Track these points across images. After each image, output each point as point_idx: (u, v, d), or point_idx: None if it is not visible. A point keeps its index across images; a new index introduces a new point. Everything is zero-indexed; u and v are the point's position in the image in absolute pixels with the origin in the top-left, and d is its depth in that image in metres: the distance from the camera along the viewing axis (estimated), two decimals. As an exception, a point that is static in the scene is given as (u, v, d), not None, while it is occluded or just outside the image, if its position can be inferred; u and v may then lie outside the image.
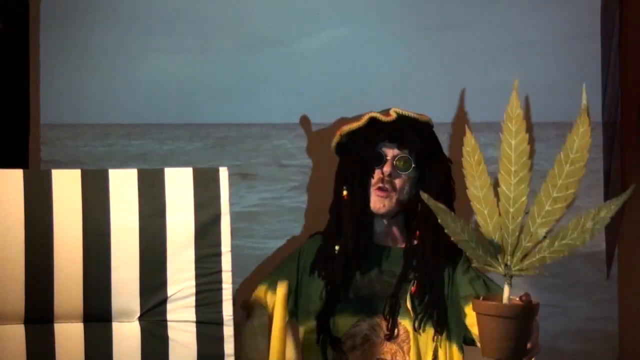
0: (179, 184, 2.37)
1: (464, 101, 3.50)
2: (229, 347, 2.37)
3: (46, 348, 2.33)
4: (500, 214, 2.28)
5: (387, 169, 2.80)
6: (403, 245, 2.85)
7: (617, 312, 3.68)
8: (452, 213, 2.29)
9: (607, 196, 3.69)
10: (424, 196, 2.34)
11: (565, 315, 3.69)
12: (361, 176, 2.80)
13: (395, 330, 2.77)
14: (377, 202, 2.80)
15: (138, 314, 2.36)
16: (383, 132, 2.82)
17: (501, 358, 2.33)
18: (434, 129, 2.90)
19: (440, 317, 2.76)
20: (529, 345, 2.35)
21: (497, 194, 2.29)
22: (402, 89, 3.57)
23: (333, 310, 2.78)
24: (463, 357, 2.81)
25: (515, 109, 2.26)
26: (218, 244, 2.37)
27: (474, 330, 2.60)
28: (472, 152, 2.32)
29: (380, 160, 2.81)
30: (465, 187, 2.33)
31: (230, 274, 2.38)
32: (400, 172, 2.81)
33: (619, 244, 3.66)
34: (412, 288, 2.78)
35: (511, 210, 2.26)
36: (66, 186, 2.34)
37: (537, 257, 2.27)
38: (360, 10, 3.64)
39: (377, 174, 2.80)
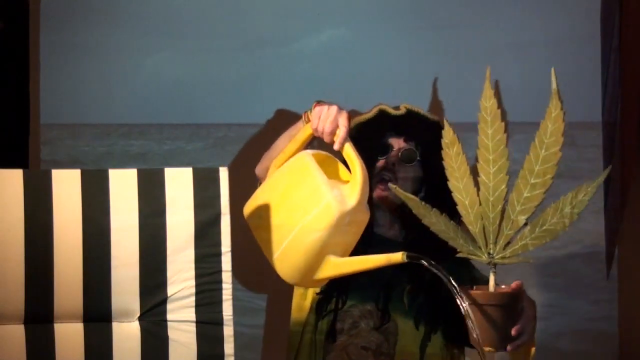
0: (179, 184, 2.37)
1: (437, 91, 3.51)
2: (229, 347, 2.36)
3: (46, 348, 2.33)
4: (480, 203, 2.29)
5: (391, 158, 2.81)
6: (401, 240, 2.85)
7: (617, 312, 3.68)
8: (423, 203, 2.31)
9: (607, 196, 3.69)
10: (392, 187, 2.36)
11: (565, 315, 3.69)
12: (367, 165, 2.80)
13: (385, 321, 2.76)
14: (379, 193, 2.81)
15: (138, 314, 2.35)
16: (391, 124, 2.84)
17: (486, 346, 2.34)
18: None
19: (435, 318, 2.75)
20: (513, 332, 2.34)
21: (477, 184, 2.30)
22: (402, 88, 3.57)
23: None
24: (464, 357, 2.81)
25: (489, 98, 2.29)
26: (218, 244, 2.37)
27: None
28: (450, 144, 2.34)
29: (386, 150, 2.82)
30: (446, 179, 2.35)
31: (230, 273, 2.38)
32: (404, 164, 2.81)
33: (619, 244, 3.66)
34: (408, 287, 2.77)
35: (491, 198, 2.28)
36: (66, 186, 2.34)
37: (519, 244, 2.28)
38: (360, 10, 3.64)
39: (381, 162, 2.81)
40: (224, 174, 2.37)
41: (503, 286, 2.31)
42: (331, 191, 2.38)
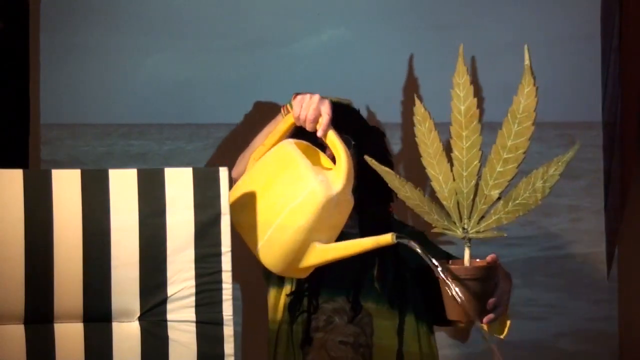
0: (179, 184, 2.37)
1: (413, 68, 3.51)
2: (229, 347, 2.36)
3: (46, 348, 2.33)
4: (454, 179, 2.31)
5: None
6: (356, 231, 2.84)
7: (617, 312, 3.68)
8: (399, 176, 2.32)
9: (607, 196, 3.69)
10: (368, 159, 2.35)
11: (565, 315, 3.69)
12: None
13: (358, 313, 2.77)
14: None
15: (138, 314, 2.35)
16: None
17: (462, 319, 2.36)
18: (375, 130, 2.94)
19: (404, 297, 2.76)
20: (489, 303, 2.35)
21: (450, 160, 2.31)
22: (402, 88, 3.57)
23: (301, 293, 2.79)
24: (433, 337, 2.82)
25: (461, 75, 2.32)
26: (218, 244, 2.37)
27: None
28: (422, 121, 2.36)
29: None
30: (420, 156, 2.35)
31: (230, 274, 2.38)
32: None
33: (619, 244, 3.67)
34: (375, 272, 2.78)
35: (464, 174, 2.29)
36: (66, 186, 2.34)
37: (493, 218, 2.29)
38: (360, 10, 3.64)
39: None
40: (224, 174, 2.37)
41: (478, 260, 2.33)
42: (316, 176, 2.38)
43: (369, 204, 2.82)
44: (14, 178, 2.33)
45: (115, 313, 2.35)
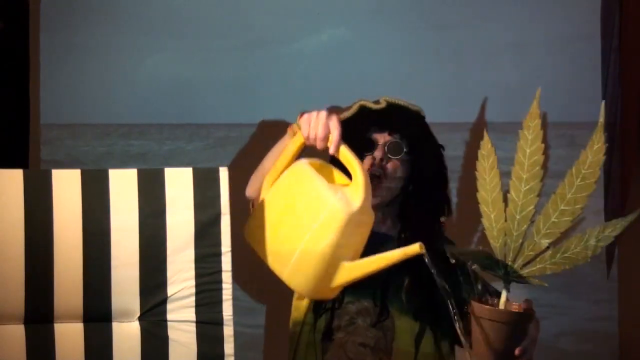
0: (179, 184, 2.37)
1: (485, 107, 3.48)
2: (229, 347, 2.37)
3: (46, 348, 2.33)
4: (506, 220, 2.29)
5: (378, 153, 2.79)
6: (396, 235, 2.84)
7: (617, 312, 3.68)
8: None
9: (607, 196, 3.69)
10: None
11: (565, 315, 3.69)
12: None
13: (383, 317, 2.76)
14: None
15: (138, 314, 2.36)
16: (373, 119, 2.82)
17: None
18: (425, 119, 2.89)
19: (431, 315, 2.75)
20: (517, 352, 2.33)
21: (505, 200, 2.29)
22: (402, 88, 3.57)
23: None
24: (453, 356, 2.81)
25: (534, 118, 2.26)
26: (218, 244, 2.37)
27: None
28: (487, 156, 2.32)
29: (372, 146, 2.80)
30: (475, 190, 2.33)
31: (230, 274, 2.38)
32: (391, 157, 2.80)
33: (619, 244, 3.66)
34: (406, 283, 2.77)
35: (517, 217, 2.27)
36: (66, 186, 2.34)
37: (537, 266, 2.28)
38: (360, 10, 3.64)
39: (368, 159, 2.79)
40: (224, 174, 2.37)
41: (514, 303, 2.30)
42: (335, 195, 2.37)
43: (416, 212, 2.81)
44: (14, 178, 2.33)
45: (115, 313, 2.35)
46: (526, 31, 3.59)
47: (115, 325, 2.36)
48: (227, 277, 2.37)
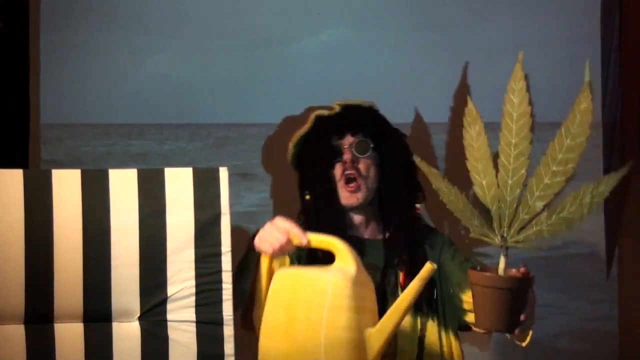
0: (179, 184, 2.37)
1: (467, 75, 3.49)
2: (229, 347, 2.37)
3: (46, 348, 2.33)
4: (498, 186, 2.28)
5: (346, 157, 2.80)
6: (381, 237, 2.85)
7: (617, 312, 3.68)
8: (445, 178, 2.28)
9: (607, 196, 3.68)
10: (417, 160, 2.32)
11: (565, 315, 3.69)
12: (321, 174, 2.80)
13: None
14: (349, 197, 2.80)
15: (138, 314, 2.36)
16: (332, 126, 2.83)
17: (493, 329, 2.35)
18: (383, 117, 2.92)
19: (429, 304, 2.75)
20: (522, 317, 2.34)
21: (496, 166, 2.29)
22: (402, 88, 3.57)
23: None
24: (460, 343, 2.81)
25: (518, 80, 2.28)
26: (218, 244, 2.37)
27: (471, 317, 2.61)
28: (472, 123, 2.33)
29: (338, 153, 2.81)
30: (464, 158, 2.33)
31: (230, 273, 2.38)
32: (360, 156, 2.81)
33: (619, 244, 3.66)
34: (400, 280, 2.77)
35: (510, 182, 2.27)
36: (66, 186, 2.34)
37: (534, 229, 2.28)
38: (360, 10, 3.63)
39: (339, 167, 2.80)
40: (224, 174, 2.37)
41: (512, 270, 2.30)
42: (329, 272, 2.37)
43: (392, 208, 2.81)
44: (14, 178, 2.33)
45: (115, 313, 2.35)
46: (526, 31, 3.59)
47: (115, 325, 2.36)
48: (227, 277, 2.37)
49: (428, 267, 2.31)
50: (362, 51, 3.61)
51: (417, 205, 2.85)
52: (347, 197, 2.80)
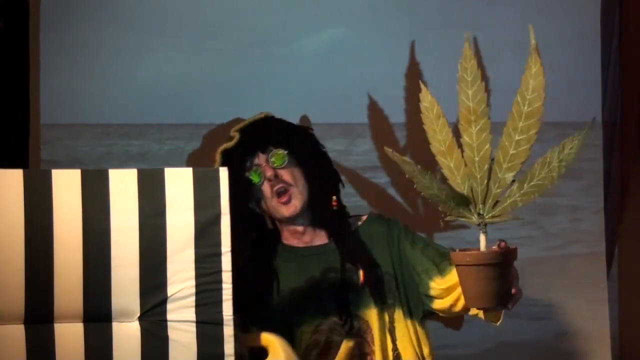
0: (179, 184, 2.37)
1: (414, 53, 3.50)
2: (229, 347, 2.37)
3: (46, 348, 2.33)
4: (466, 165, 2.29)
5: (269, 173, 2.79)
6: (327, 241, 2.85)
7: (617, 312, 3.68)
8: (418, 166, 2.26)
9: (607, 196, 3.69)
10: (389, 151, 2.32)
11: (565, 315, 3.69)
12: (240, 204, 2.72)
13: (354, 324, 2.76)
14: (287, 209, 2.80)
15: (138, 314, 2.36)
16: (241, 155, 2.82)
17: (486, 306, 2.34)
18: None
19: (383, 292, 2.77)
20: (513, 291, 2.36)
21: (460, 146, 2.29)
22: (402, 88, 3.57)
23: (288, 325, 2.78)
24: (426, 331, 2.82)
25: (468, 59, 2.28)
26: (218, 244, 2.37)
27: (439, 303, 2.69)
28: (430, 107, 2.32)
29: (257, 178, 2.81)
30: (428, 143, 2.32)
31: (230, 273, 2.38)
32: (281, 168, 2.80)
33: (619, 244, 3.67)
34: (360, 280, 2.77)
35: (476, 159, 2.27)
36: (66, 186, 2.34)
37: (508, 201, 2.28)
38: (360, 10, 3.64)
39: (266, 187, 2.80)
40: (224, 174, 2.37)
41: (493, 247, 2.30)
42: None
43: (316, 199, 2.82)
44: (14, 178, 2.33)
45: (115, 313, 2.35)
46: (526, 31, 3.59)
47: (115, 325, 2.36)
48: (227, 277, 2.37)
49: (345, 346, 2.43)
50: (362, 51, 3.61)
51: (334, 198, 2.84)
52: (285, 209, 2.80)
